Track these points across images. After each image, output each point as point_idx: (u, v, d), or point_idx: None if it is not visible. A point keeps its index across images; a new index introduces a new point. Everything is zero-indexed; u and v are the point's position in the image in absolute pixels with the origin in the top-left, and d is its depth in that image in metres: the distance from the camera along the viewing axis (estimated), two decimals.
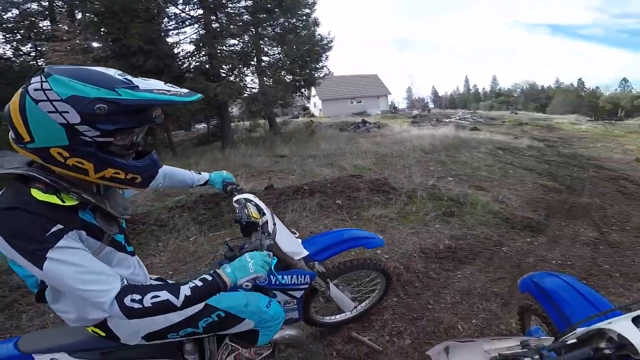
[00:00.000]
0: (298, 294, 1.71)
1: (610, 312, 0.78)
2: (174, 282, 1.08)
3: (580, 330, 0.73)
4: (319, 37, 14.62)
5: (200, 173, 1.62)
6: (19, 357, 1.08)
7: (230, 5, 12.95)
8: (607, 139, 12.79)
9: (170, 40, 12.51)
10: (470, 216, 4.16)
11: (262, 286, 1.50)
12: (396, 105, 46.94)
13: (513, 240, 3.67)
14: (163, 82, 0.90)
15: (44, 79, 0.76)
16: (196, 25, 12.84)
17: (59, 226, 0.81)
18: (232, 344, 1.34)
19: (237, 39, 13.39)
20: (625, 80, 60.20)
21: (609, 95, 53.06)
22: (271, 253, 1.13)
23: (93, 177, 0.85)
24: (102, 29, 10.74)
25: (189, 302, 0.92)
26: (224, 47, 13.21)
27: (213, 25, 12.66)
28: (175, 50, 12.46)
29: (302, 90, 15.96)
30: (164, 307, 0.89)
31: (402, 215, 4.17)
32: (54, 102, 0.75)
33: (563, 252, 3.42)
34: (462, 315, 2.42)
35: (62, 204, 0.84)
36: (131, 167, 0.89)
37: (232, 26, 12.79)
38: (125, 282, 0.90)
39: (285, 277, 1.59)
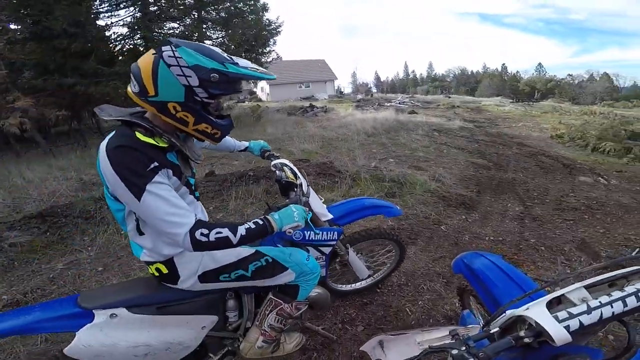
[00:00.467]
0: (327, 250, 1.83)
1: (535, 293, 0.79)
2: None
3: (502, 318, 0.74)
4: (267, 21, 14.47)
5: (240, 141, 1.85)
6: (81, 313, 1.13)
7: None
8: (527, 119, 14.21)
9: (101, 22, 11.26)
10: (410, 196, 4.27)
11: (297, 241, 1.66)
12: (342, 90, 47.76)
13: (450, 217, 3.83)
14: (250, 62, 1.11)
15: (174, 49, 0.97)
16: (132, 8, 11.66)
17: (155, 163, 0.99)
18: (276, 299, 1.43)
19: (178, 22, 12.67)
20: (540, 65, 67.60)
21: (527, 79, 59.29)
22: (307, 209, 1.30)
23: (190, 128, 1.07)
24: (22, 11, 9.35)
25: (242, 240, 1.07)
26: (162, 30, 12.37)
27: (151, 8, 11.70)
28: (107, 33, 11.26)
29: None
30: (223, 243, 1.04)
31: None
32: (182, 68, 0.97)
33: (494, 227, 3.64)
34: (409, 297, 2.46)
35: (157, 144, 1.03)
36: (217, 124, 1.10)
37: (172, 10, 11.95)
38: (195, 218, 1.04)
39: (317, 233, 1.72)
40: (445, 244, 3.21)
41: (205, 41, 13.03)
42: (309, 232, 1.69)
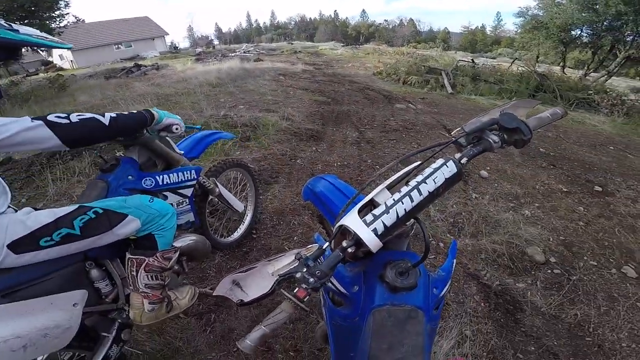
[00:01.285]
0: (188, 191, 1.73)
1: (357, 198, 0.77)
2: None
3: (334, 231, 0.71)
4: None
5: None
6: None
7: None
8: (355, 60, 16.08)
9: None
10: (265, 137, 4.36)
11: (150, 189, 1.51)
12: (177, 45, 42.73)
13: (303, 151, 4.14)
14: (37, 30, 1.08)
15: None
16: None
17: None
18: (134, 257, 1.29)
19: None
20: (364, 11, 75.51)
21: (354, 25, 65.78)
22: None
23: None
24: None
25: (116, 123, 1.03)
26: None
27: None
28: None
29: None
30: (92, 124, 0.99)
31: None
32: None
33: (339, 154, 4.14)
34: (284, 235, 2.54)
35: None
36: None
37: None
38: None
39: (170, 175, 1.61)
40: (303, 177, 3.46)
41: None
42: (161, 176, 1.56)
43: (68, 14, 12.98)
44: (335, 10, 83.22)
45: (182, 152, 1.77)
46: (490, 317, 1.92)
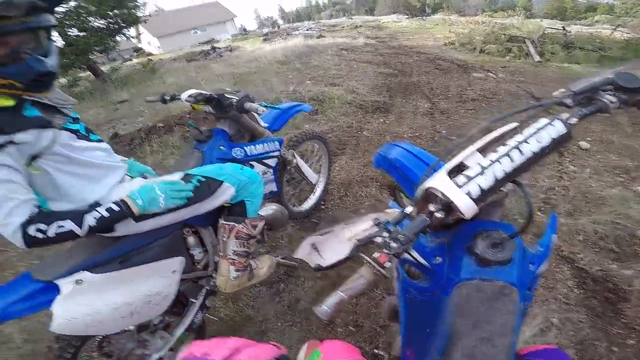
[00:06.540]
0: (272, 162, 1.83)
1: (437, 165, 0.72)
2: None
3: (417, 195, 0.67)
4: None
5: None
6: (44, 288, 1.01)
7: None
8: (422, 32, 15.03)
9: None
10: (331, 110, 4.40)
11: (240, 159, 1.61)
12: (246, 28, 44.56)
13: (369, 123, 4.08)
14: None
15: None
16: None
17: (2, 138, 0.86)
18: (227, 223, 1.38)
19: None
20: None
21: None
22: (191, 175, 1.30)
23: None
24: None
25: (93, 230, 1.00)
26: None
27: None
28: None
29: (124, 32, 13.32)
30: (66, 236, 0.97)
31: None
32: None
33: (410, 125, 3.99)
34: (351, 207, 2.55)
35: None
36: (2, 73, 0.88)
37: None
38: (36, 210, 0.94)
39: (257, 146, 1.71)
40: (370, 148, 3.42)
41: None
42: (249, 147, 1.66)
43: (147, 2, 13.99)
44: None
45: (267, 125, 1.87)
46: (585, 306, 1.72)
